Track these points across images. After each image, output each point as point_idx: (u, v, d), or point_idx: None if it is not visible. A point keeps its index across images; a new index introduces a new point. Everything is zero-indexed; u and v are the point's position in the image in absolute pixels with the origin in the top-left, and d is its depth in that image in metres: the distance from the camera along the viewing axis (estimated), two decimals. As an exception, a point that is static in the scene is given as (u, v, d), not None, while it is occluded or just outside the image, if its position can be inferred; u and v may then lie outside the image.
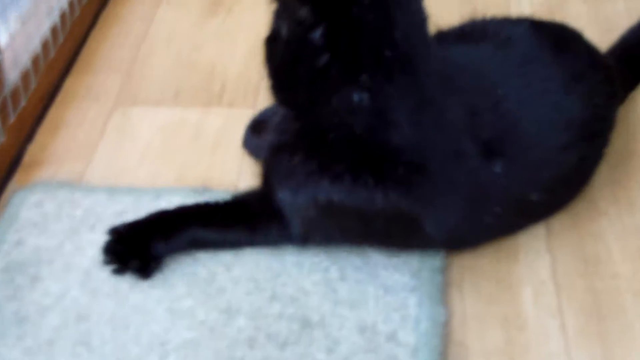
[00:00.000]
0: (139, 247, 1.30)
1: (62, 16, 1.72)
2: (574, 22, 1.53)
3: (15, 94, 1.52)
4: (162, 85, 1.70)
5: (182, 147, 1.56)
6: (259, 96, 1.66)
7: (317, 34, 1.13)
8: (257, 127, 1.52)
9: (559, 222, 1.37)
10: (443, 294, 1.27)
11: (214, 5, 1.93)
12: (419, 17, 1.19)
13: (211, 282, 1.29)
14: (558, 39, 1.40)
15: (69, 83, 1.71)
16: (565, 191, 1.35)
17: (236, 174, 1.50)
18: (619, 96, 1.46)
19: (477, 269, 1.31)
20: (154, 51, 1.79)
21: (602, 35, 1.62)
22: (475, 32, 1.41)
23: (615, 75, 1.43)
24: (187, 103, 1.66)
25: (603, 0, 1.87)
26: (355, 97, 1.15)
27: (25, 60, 1.57)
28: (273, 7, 1.21)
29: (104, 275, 1.30)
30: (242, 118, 1.58)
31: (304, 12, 1.13)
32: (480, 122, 1.24)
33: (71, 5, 1.76)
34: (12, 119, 1.51)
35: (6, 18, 1.58)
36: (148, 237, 1.30)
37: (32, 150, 1.56)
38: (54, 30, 1.68)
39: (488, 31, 1.40)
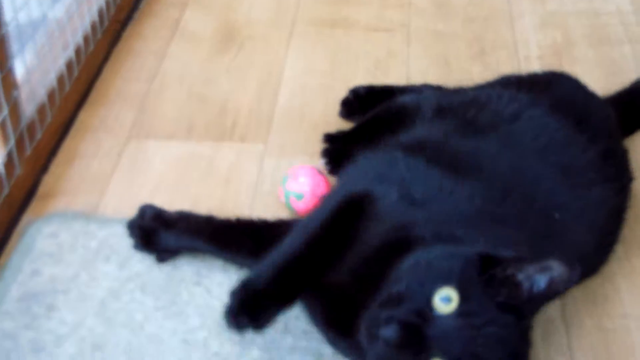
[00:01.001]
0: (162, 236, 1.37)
1: (77, 50, 1.75)
2: (581, 65, 1.56)
3: (31, 127, 1.54)
4: (175, 119, 1.72)
5: (195, 180, 1.58)
6: (271, 131, 1.68)
7: None
8: None
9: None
10: None
11: (226, 41, 1.95)
12: None
13: (225, 314, 1.30)
14: (578, 113, 1.40)
15: (83, 115, 1.74)
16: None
17: (248, 207, 1.52)
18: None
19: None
20: (167, 85, 1.82)
21: (608, 78, 1.65)
22: (484, 117, 1.39)
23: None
24: (199, 137, 1.68)
25: (610, 43, 1.90)
26: None
27: (41, 94, 1.60)
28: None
29: (119, 305, 1.32)
30: (254, 152, 1.60)
31: None
32: None
33: (86, 39, 1.78)
34: (28, 151, 1.53)
35: (23, 53, 1.60)
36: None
37: (47, 181, 1.58)
38: (69, 65, 1.71)
39: (501, 115, 1.38)
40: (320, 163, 1.56)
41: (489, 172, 1.27)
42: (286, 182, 1.48)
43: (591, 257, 1.31)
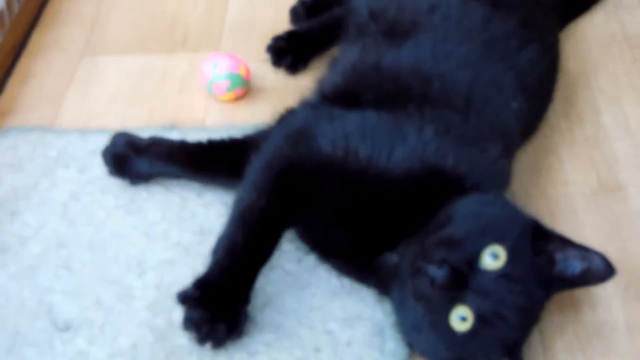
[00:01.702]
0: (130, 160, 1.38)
1: (25, -27, 1.76)
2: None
3: (-18, 50, 1.56)
4: (127, 35, 1.75)
5: (150, 91, 1.61)
6: (222, 40, 1.71)
7: None
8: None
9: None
10: None
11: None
12: None
13: (184, 208, 1.35)
14: None
15: (36, 36, 1.76)
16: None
17: (203, 112, 1.56)
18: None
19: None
20: (117, 4, 1.84)
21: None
22: (405, 16, 1.39)
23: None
24: (152, 50, 1.71)
25: None
26: None
27: (-10, 17, 1.61)
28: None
29: (81, 206, 1.36)
30: (207, 61, 1.63)
31: None
32: None
33: (33, -38, 1.79)
34: (-19, 73, 1.55)
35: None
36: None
37: (2, 100, 1.60)
38: (17, -13, 1.72)
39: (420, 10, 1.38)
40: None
41: (430, 72, 1.29)
42: (209, 68, 1.53)
43: (529, 119, 1.36)
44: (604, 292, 1.22)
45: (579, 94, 1.53)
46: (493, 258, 1.06)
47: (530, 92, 1.33)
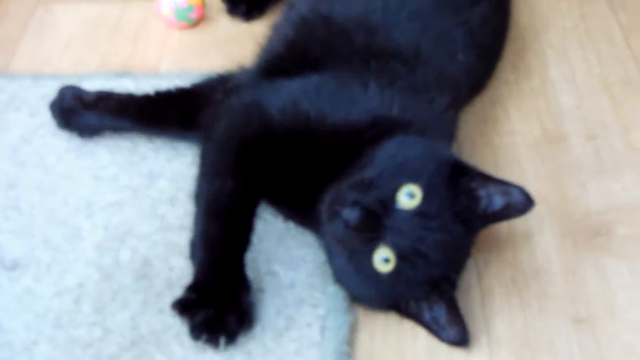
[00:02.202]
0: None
1: None
2: None
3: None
4: (83, -18, 1.75)
5: (105, 38, 1.62)
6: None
7: None
8: None
9: (461, 89, 1.46)
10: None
11: None
12: None
13: (134, 152, 1.36)
14: None
15: (-9, -18, 1.75)
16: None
17: (157, 59, 1.57)
18: None
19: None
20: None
21: None
22: None
23: None
24: (107, -1, 1.71)
25: None
26: None
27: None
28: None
29: (31, 149, 1.37)
30: (162, 9, 1.63)
31: None
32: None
33: None
34: None
35: None
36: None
37: (-44, 46, 1.60)
38: None
39: None
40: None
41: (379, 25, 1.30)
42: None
43: (479, 74, 1.38)
44: (542, 238, 1.25)
45: (528, 48, 1.55)
46: (409, 197, 1.07)
47: (481, 48, 1.35)
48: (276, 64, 1.32)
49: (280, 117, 1.20)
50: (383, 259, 1.07)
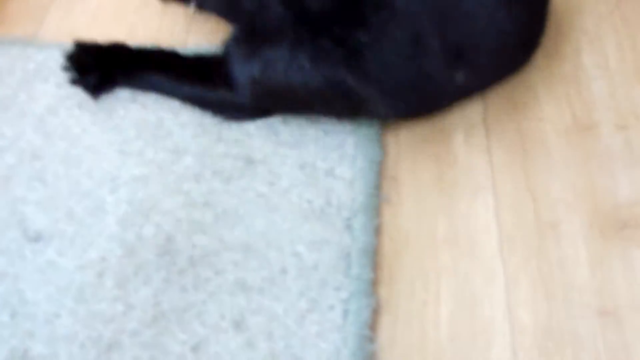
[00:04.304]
0: (101, 65, 1.39)
1: None
2: None
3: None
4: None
5: (132, 10, 1.61)
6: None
7: None
8: None
9: (492, 72, 1.44)
10: (379, 136, 1.34)
11: None
12: None
13: (160, 127, 1.35)
14: None
15: (20, -50, 1.74)
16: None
17: (185, 32, 1.55)
18: None
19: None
20: None
21: None
22: None
23: None
24: (137, -32, 1.70)
25: None
26: None
27: None
28: None
29: (58, 120, 1.36)
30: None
31: None
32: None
33: None
34: (-37, -20, 1.54)
35: None
36: (111, 62, 1.39)
37: (-16, 13, 1.60)
38: None
39: None
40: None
41: None
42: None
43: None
44: (569, 227, 1.24)
45: (562, 33, 1.53)
46: None
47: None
48: None
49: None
50: None
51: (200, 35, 1.55)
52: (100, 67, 1.38)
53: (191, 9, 1.55)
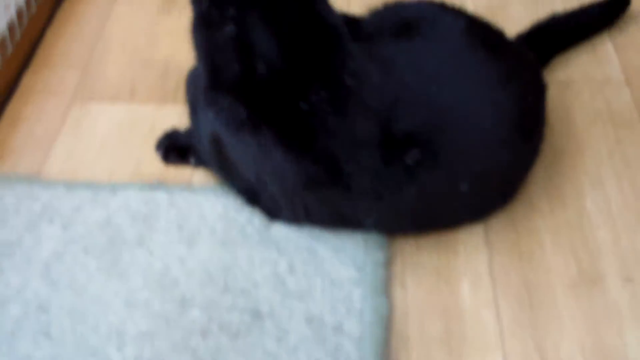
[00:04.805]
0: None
1: (19, 12, 1.76)
2: (515, 23, 1.62)
3: (-26, 90, 1.56)
4: (119, 81, 1.75)
5: (138, 143, 1.62)
6: (213, 94, 1.71)
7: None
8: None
9: (496, 219, 1.45)
10: (386, 286, 1.34)
11: (168, 3, 1.97)
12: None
13: (166, 274, 1.35)
14: (490, 39, 1.48)
15: (27, 79, 1.76)
16: (502, 185, 1.43)
17: (190, 169, 1.56)
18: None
19: (418, 264, 1.38)
20: (110, 48, 1.84)
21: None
22: (411, 23, 1.46)
23: (541, 72, 1.53)
24: (142, 100, 1.71)
25: (542, 3, 1.95)
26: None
27: (-17, 58, 1.61)
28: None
29: (63, 267, 1.36)
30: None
31: None
32: (399, 113, 1.31)
33: (27, 2, 1.79)
34: (-29, 114, 1.55)
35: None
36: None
37: (-8, 144, 1.60)
38: (10, 27, 1.72)
39: (424, 23, 1.45)
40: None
41: None
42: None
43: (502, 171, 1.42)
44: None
45: (562, 174, 1.54)
46: None
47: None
48: None
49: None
50: None
51: (205, 171, 1.56)
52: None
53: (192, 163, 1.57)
